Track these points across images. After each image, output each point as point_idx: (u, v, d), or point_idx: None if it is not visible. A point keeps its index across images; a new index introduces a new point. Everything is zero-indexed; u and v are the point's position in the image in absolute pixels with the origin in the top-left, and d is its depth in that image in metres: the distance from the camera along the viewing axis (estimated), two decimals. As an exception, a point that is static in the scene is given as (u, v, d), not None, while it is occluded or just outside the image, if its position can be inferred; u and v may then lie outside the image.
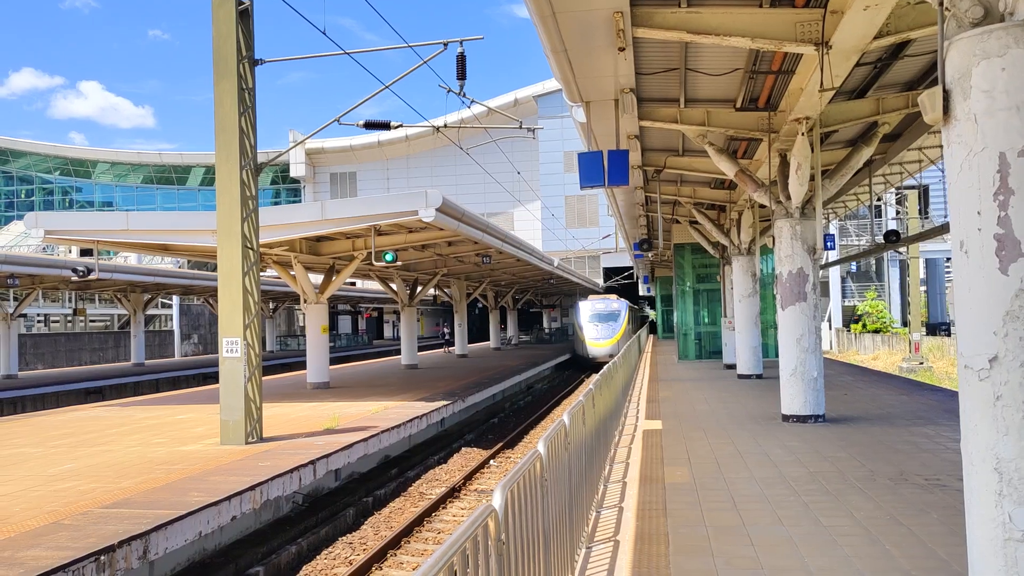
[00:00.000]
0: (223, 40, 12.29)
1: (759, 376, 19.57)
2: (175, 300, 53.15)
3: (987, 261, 4.11)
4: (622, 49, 9.12)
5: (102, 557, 6.47)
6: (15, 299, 34.49)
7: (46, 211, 71.33)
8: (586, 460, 6.37)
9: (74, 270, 20.68)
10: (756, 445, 10.33)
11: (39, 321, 59.22)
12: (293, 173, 73.98)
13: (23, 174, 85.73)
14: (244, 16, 12.47)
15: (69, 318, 54.88)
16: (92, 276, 19.67)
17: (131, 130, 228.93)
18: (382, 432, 13.23)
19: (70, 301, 54.80)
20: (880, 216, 48.38)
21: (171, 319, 57.47)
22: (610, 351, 36.68)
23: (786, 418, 12.29)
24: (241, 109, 12.35)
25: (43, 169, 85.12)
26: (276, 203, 74.66)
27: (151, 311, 60.42)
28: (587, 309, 41.17)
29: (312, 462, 10.60)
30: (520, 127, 15.99)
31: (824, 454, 9.51)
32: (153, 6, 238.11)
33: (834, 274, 54.47)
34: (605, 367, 9.90)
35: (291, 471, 9.97)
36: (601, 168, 11.26)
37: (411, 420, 14.75)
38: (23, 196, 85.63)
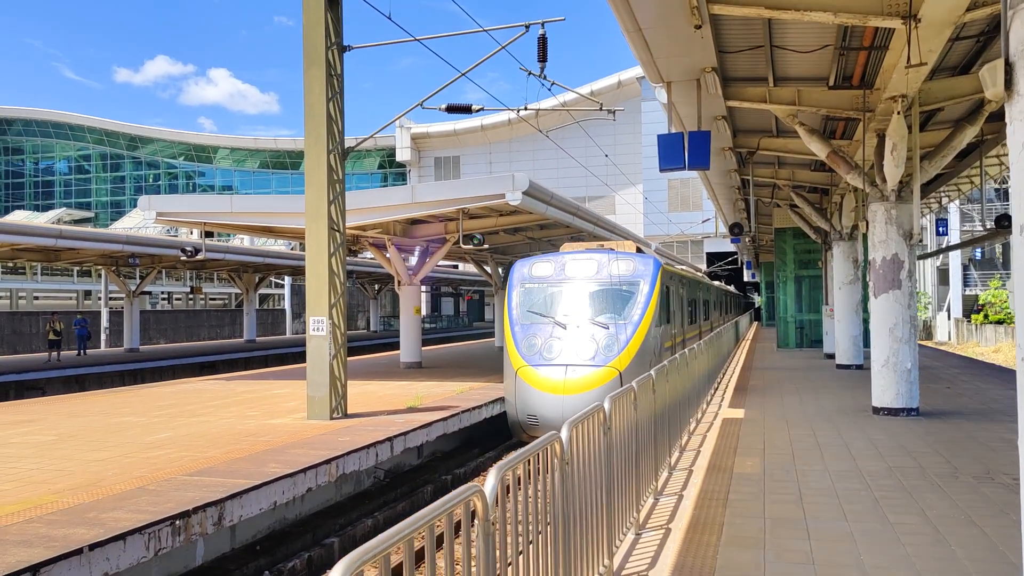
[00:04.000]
0: (312, 27, 12.63)
1: (859, 367, 18.80)
2: (287, 280, 55.31)
3: (1049, 247, 3.81)
4: (699, 27, 8.89)
5: (177, 522, 6.84)
6: (140, 277, 36.68)
7: (166, 195, 75.65)
8: (640, 447, 6.28)
9: (183, 250, 21.84)
10: (838, 437, 9.95)
11: (163, 298, 62.75)
12: (399, 157, 75.54)
13: (151, 159, 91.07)
14: (333, 3, 12.77)
15: (190, 296, 57.92)
16: (200, 256, 20.72)
17: (257, 116, 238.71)
18: (462, 412, 13.43)
19: (191, 280, 57.89)
20: (1006, 200, 45.37)
21: (283, 298, 59.81)
22: (588, 401, 12.20)
23: (877, 411, 11.78)
24: (329, 95, 12.68)
25: (169, 155, 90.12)
26: (384, 186, 76.43)
27: (265, 291, 63.19)
28: (535, 281, 15.28)
29: (390, 439, 10.87)
30: (600, 108, 15.82)
31: (909, 448, 9.07)
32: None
33: (954, 261, 51.60)
34: (678, 355, 9.55)
35: (367, 447, 10.26)
36: (682, 149, 11.02)
37: (494, 401, 14.90)
38: (150, 180, 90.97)
